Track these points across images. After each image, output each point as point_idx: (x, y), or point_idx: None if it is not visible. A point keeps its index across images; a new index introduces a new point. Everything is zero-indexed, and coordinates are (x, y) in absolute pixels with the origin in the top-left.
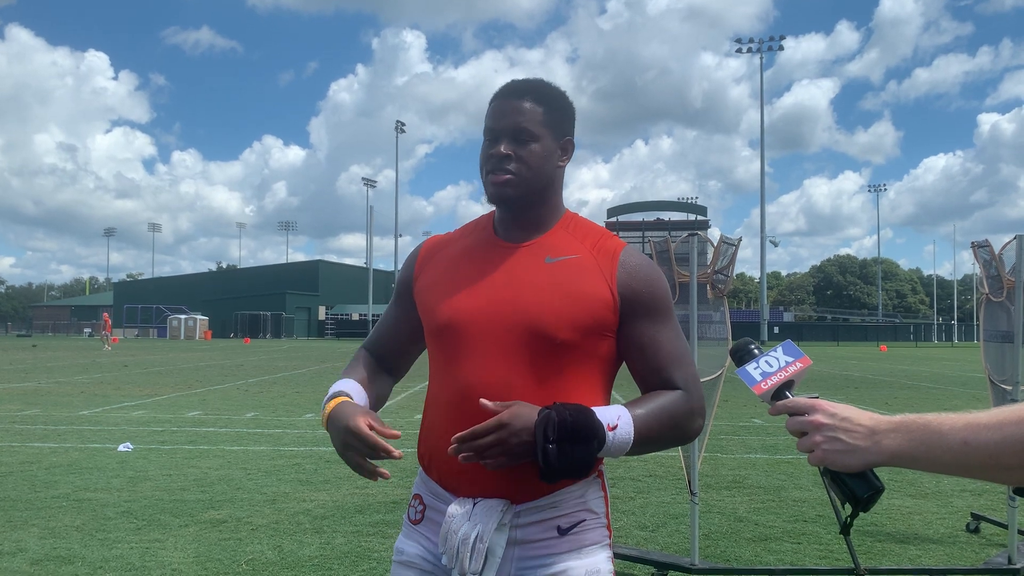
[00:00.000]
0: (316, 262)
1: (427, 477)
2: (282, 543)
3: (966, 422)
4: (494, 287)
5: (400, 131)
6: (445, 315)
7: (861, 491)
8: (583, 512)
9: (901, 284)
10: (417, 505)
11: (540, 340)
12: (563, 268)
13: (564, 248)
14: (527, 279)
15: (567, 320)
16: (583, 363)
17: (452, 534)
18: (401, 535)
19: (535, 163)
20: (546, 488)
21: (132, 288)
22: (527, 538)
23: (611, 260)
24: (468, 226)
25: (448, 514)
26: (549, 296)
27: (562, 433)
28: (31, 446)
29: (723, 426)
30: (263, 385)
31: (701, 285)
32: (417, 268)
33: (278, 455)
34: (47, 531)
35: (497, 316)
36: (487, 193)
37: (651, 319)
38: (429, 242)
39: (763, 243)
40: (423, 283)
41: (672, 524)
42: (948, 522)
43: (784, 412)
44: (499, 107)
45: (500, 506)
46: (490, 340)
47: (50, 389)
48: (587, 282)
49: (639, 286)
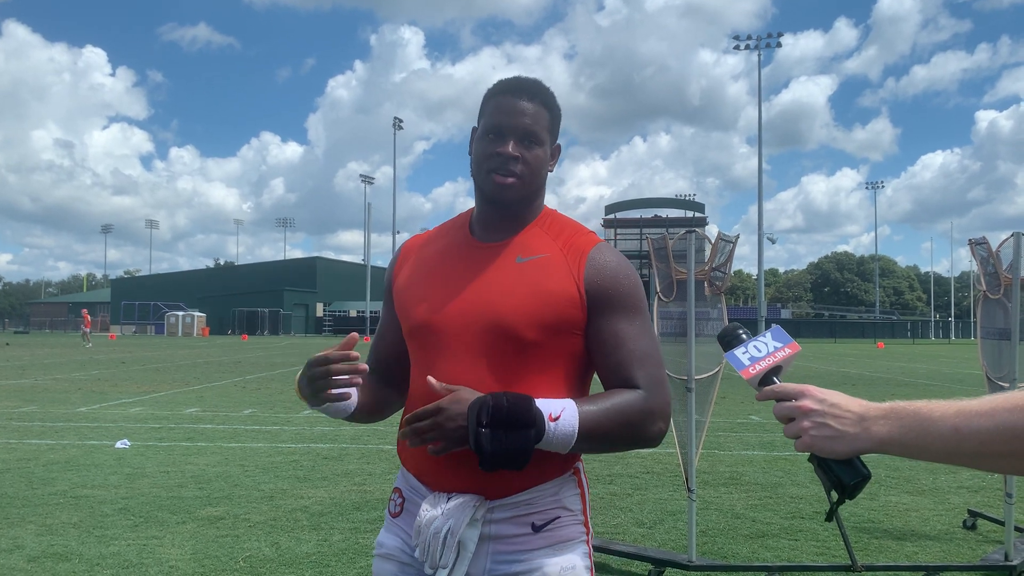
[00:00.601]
0: (314, 259)
1: (406, 472)
2: (279, 540)
3: (957, 409)
4: (464, 288)
5: (398, 128)
6: (418, 316)
7: (848, 478)
8: (558, 509)
9: (898, 281)
10: (397, 499)
11: (508, 340)
12: (532, 267)
13: (536, 247)
14: (497, 280)
15: (534, 319)
16: (553, 362)
17: (424, 527)
18: (383, 528)
19: (537, 167)
20: (520, 484)
21: (130, 285)
22: (500, 534)
23: (579, 257)
24: (446, 225)
25: (422, 508)
26: (516, 296)
27: (496, 418)
28: (28, 443)
29: (720, 423)
30: (261, 382)
31: (699, 282)
32: (396, 269)
33: (276, 452)
34: (44, 528)
35: (466, 317)
36: (485, 190)
37: (616, 315)
38: (408, 243)
39: (761, 240)
40: (399, 285)
41: (669, 521)
42: (945, 519)
43: (772, 397)
44: (507, 105)
45: (473, 501)
46: (461, 341)
47: (47, 386)
48: (554, 280)
49: (605, 283)
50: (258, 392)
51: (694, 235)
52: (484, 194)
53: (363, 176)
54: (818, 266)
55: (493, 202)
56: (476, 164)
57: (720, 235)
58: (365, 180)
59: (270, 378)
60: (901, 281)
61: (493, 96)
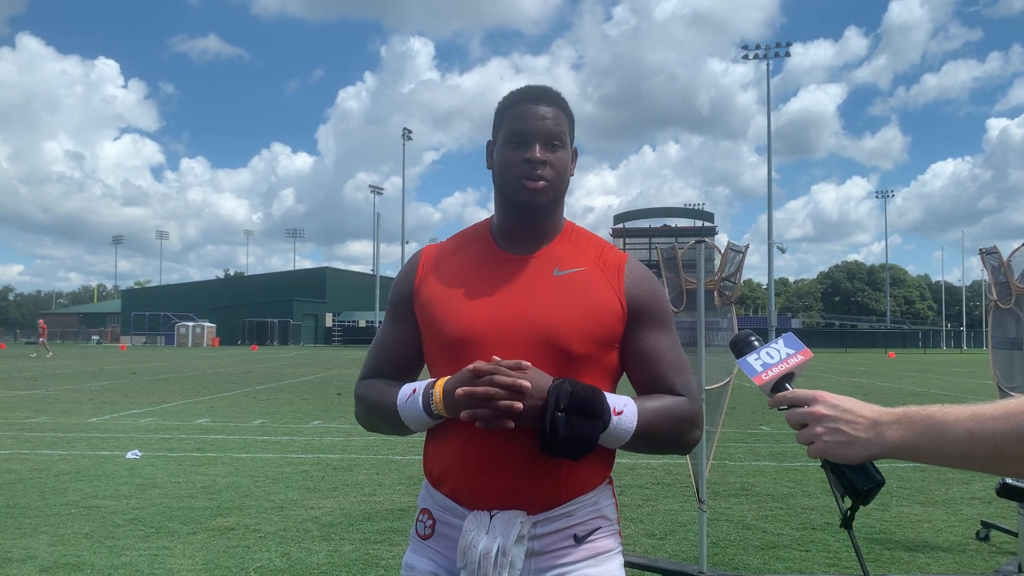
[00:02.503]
0: (323, 269)
1: (435, 491)
2: (290, 550)
3: (971, 413)
4: (506, 300)
5: (407, 138)
6: (456, 329)
7: (861, 483)
8: (598, 519)
9: (909, 290)
10: (426, 520)
11: (557, 353)
12: (574, 281)
13: (570, 260)
14: (539, 292)
15: (583, 332)
16: (594, 374)
17: (472, 548)
18: (409, 550)
19: (562, 171)
20: (561, 497)
21: (140, 295)
22: (544, 548)
23: (618, 272)
24: (463, 236)
25: (465, 528)
26: (564, 309)
27: (573, 404)
28: (40, 453)
29: (731, 433)
30: (270, 392)
31: (708, 292)
32: (418, 280)
33: (286, 462)
34: (56, 538)
35: (512, 329)
36: (515, 199)
37: (654, 328)
38: (427, 252)
39: (770, 249)
40: (426, 296)
41: (680, 532)
42: (958, 530)
43: (784, 403)
44: (528, 111)
45: (518, 518)
46: (504, 353)
47: (58, 396)
48: (598, 293)
49: (644, 296)
50: (268, 402)
51: (704, 245)
52: (513, 203)
53: (372, 187)
54: (828, 275)
55: (523, 209)
56: (501, 173)
57: (730, 245)
58: (374, 190)
59: (280, 388)
60: (912, 290)
61: (511, 106)
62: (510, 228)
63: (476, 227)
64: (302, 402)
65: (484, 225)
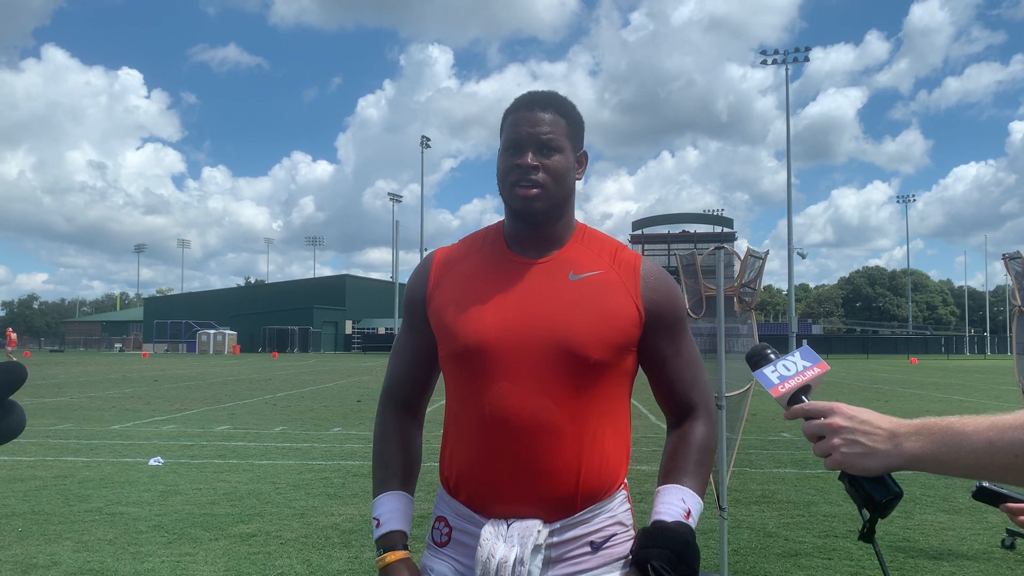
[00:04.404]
0: (343, 277)
1: (451, 499)
2: (311, 557)
3: (990, 423)
4: (521, 306)
5: (425, 146)
6: (471, 335)
7: (879, 495)
8: (614, 526)
9: (932, 296)
10: (442, 527)
11: (574, 359)
12: (589, 285)
13: (584, 264)
14: (554, 297)
15: (600, 339)
16: (612, 379)
17: (491, 557)
18: (426, 555)
19: (560, 175)
20: (577, 505)
21: (162, 303)
22: (561, 556)
23: (633, 275)
24: (474, 239)
25: (483, 537)
26: (581, 315)
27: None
28: (64, 460)
29: (752, 440)
30: (291, 399)
31: (728, 298)
32: (431, 284)
33: (306, 469)
34: (80, 544)
35: (528, 336)
36: (512, 207)
37: (672, 335)
38: (439, 255)
39: (791, 255)
40: (439, 301)
41: (701, 539)
42: (983, 538)
43: (801, 416)
44: (522, 118)
45: (536, 526)
46: (520, 360)
47: (82, 403)
48: (614, 298)
49: (661, 300)
50: (288, 409)
51: (723, 251)
52: (512, 209)
53: (391, 194)
54: (849, 281)
55: (521, 215)
56: (500, 181)
57: (749, 250)
58: (393, 198)
59: (300, 395)
60: (934, 296)
61: (510, 113)
62: (518, 233)
63: (487, 230)
64: (322, 409)
65: (496, 228)
